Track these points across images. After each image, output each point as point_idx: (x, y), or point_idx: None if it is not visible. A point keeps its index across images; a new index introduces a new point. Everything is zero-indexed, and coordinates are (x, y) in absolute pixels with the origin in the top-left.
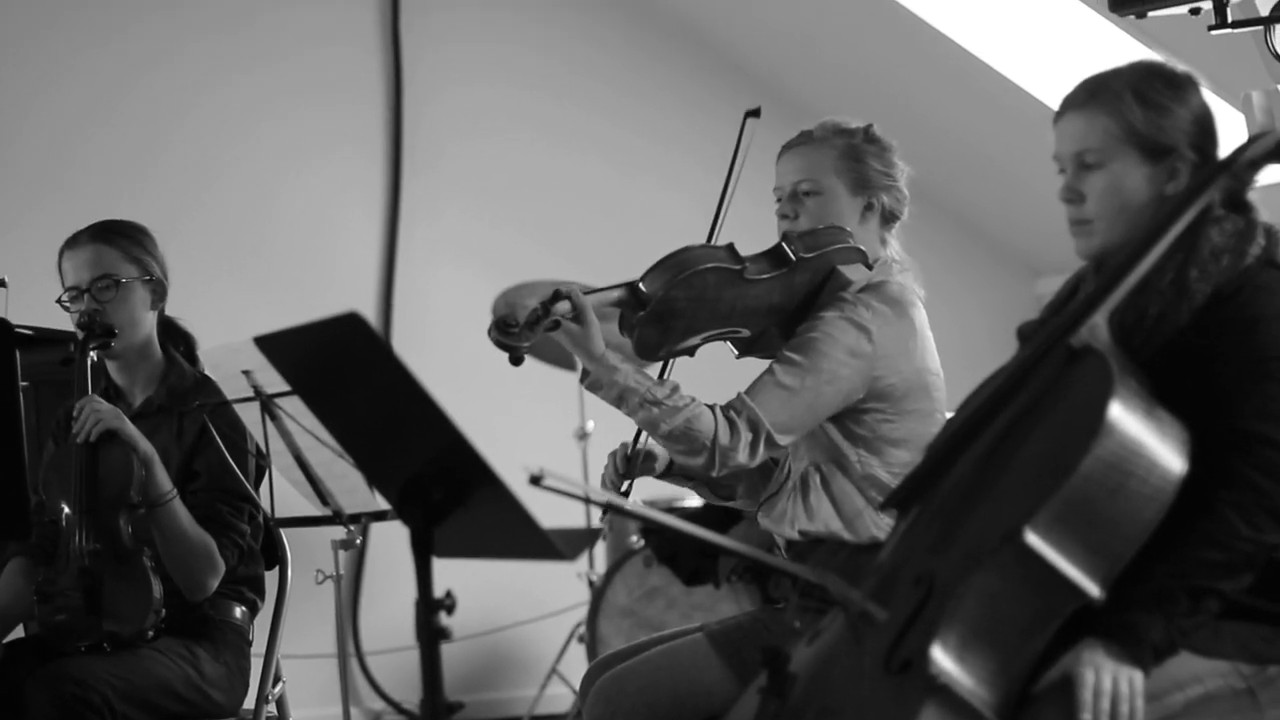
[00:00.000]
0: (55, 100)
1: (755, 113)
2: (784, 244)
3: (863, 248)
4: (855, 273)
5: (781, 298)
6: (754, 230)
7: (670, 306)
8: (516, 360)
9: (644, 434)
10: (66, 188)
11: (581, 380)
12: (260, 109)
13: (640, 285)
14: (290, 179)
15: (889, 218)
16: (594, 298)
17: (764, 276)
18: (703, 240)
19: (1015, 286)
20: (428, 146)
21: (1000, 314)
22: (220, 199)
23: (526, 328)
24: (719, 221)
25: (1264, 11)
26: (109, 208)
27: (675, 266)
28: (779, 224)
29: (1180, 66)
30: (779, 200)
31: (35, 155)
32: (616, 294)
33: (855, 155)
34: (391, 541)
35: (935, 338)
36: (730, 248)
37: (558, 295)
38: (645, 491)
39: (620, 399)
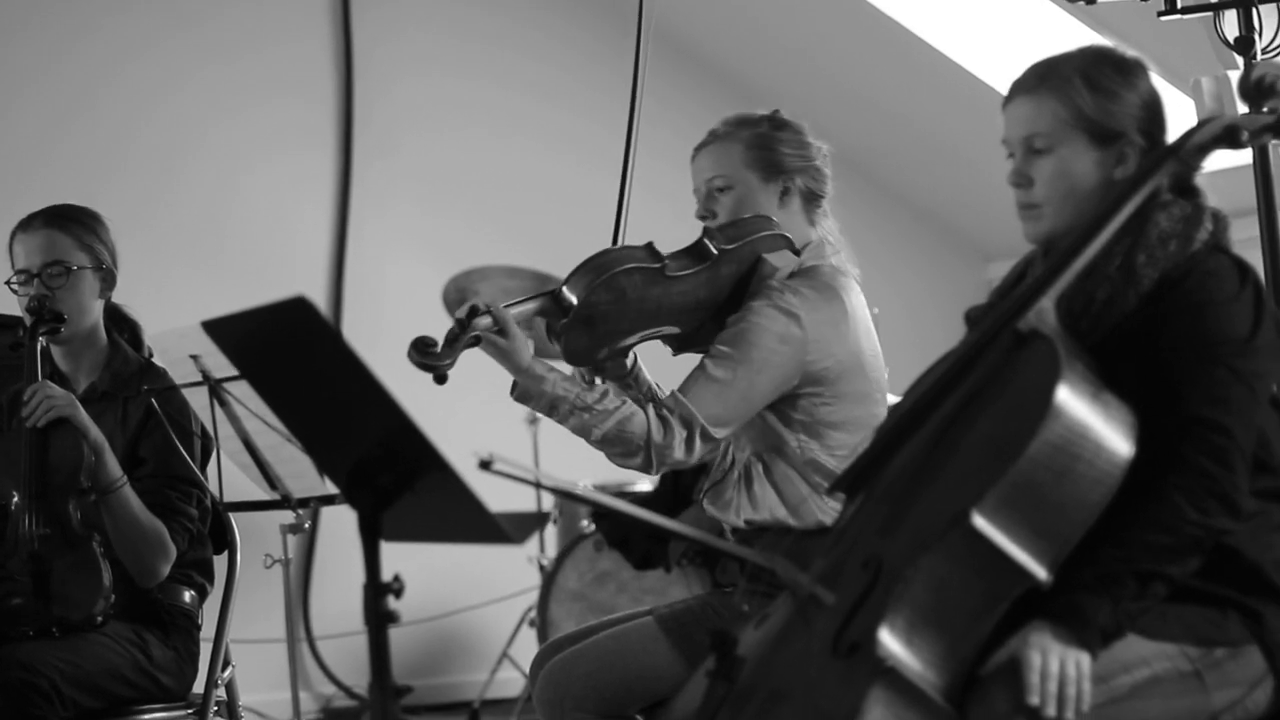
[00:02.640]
0: (17, 102)
1: None
2: (704, 238)
3: (788, 234)
4: (782, 259)
5: (708, 292)
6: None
7: (593, 311)
8: (440, 379)
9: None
10: (33, 186)
11: (511, 392)
12: (217, 105)
13: (561, 292)
14: (247, 173)
15: (811, 197)
16: (516, 309)
17: (686, 272)
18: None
19: (966, 271)
20: (379, 139)
21: (951, 299)
22: (180, 194)
23: (446, 346)
24: (623, 212)
25: None
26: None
27: (594, 270)
28: (702, 226)
29: (1130, 52)
30: (698, 201)
31: (3, 156)
32: (538, 303)
33: (763, 143)
34: (341, 525)
35: (885, 323)
36: (649, 246)
37: (475, 311)
38: (596, 475)
39: (551, 408)
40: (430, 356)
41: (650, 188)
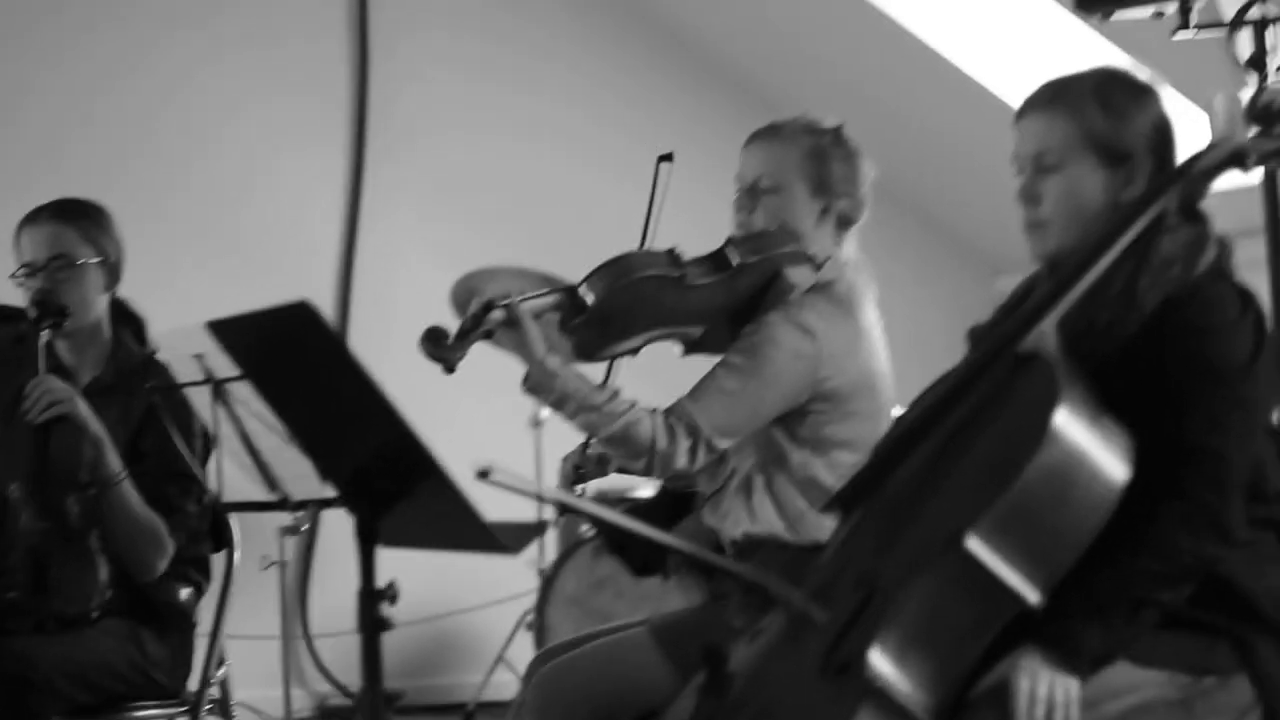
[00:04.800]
0: (29, 98)
1: (668, 157)
2: (727, 249)
3: (811, 252)
4: (801, 275)
5: (724, 301)
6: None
7: (610, 312)
8: (449, 370)
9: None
10: (44, 181)
11: (523, 384)
12: (231, 101)
13: (579, 290)
14: (259, 171)
15: (844, 222)
16: (531, 304)
17: (704, 281)
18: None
19: (974, 284)
20: (392, 138)
21: (959, 311)
22: (192, 190)
23: (458, 339)
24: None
25: (1228, 16)
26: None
27: (615, 273)
28: (735, 213)
29: (1143, 74)
30: (738, 190)
31: (15, 152)
32: (554, 299)
33: (820, 157)
34: (343, 525)
35: (892, 335)
36: (670, 253)
37: (490, 305)
38: (598, 481)
39: (560, 403)
40: (442, 348)
41: (672, 196)
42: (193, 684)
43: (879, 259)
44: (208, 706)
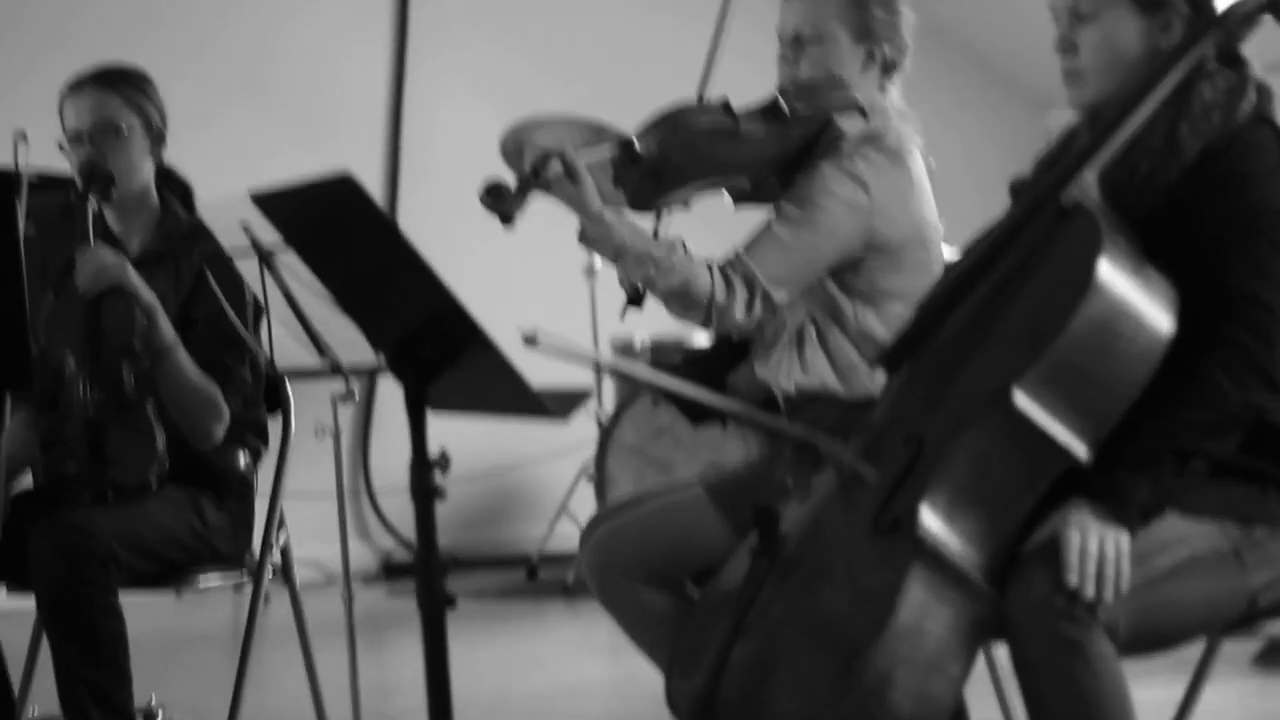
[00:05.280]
0: None
1: None
2: (779, 98)
3: (859, 98)
4: (851, 123)
5: (777, 150)
6: (752, 72)
7: (664, 164)
8: (507, 220)
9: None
10: (75, 36)
11: (579, 237)
12: None
13: (634, 143)
14: (297, 13)
15: (889, 67)
16: (586, 155)
17: (758, 132)
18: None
19: (1025, 119)
20: None
21: (1010, 147)
22: (229, 36)
23: (518, 192)
24: (709, 69)
25: None
26: (117, 54)
27: (669, 125)
28: (779, 67)
29: None
30: (780, 44)
31: (41, 5)
32: (609, 152)
33: (860, 3)
34: (400, 392)
35: (945, 173)
36: (725, 104)
37: (548, 156)
38: (654, 327)
39: (617, 256)
40: (502, 201)
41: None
42: (255, 549)
43: (929, 98)
44: (269, 572)
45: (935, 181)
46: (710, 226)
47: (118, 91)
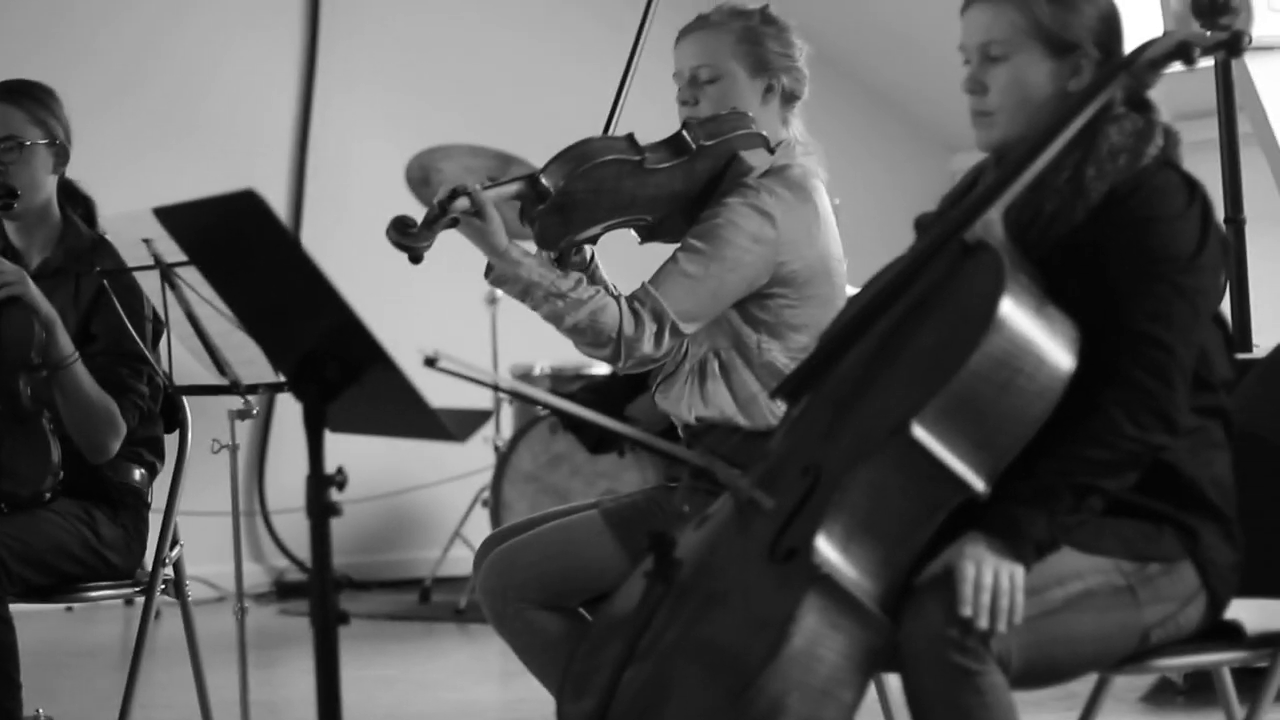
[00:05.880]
0: None
1: None
2: (684, 131)
3: (764, 132)
4: (757, 158)
5: (683, 185)
6: (655, 120)
7: (570, 199)
8: (416, 259)
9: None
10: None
11: (486, 275)
12: None
13: (540, 178)
14: (217, 54)
15: (789, 98)
16: (493, 192)
17: (664, 165)
18: (607, 118)
19: (930, 162)
20: (346, 15)
21: (915, 190)
22: (151, 77)
23: (425, 227)
24: (620, 102)
25: None
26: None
27: (575, 159)
28: (680, 110)
29: None
30: (679, 86)
31: None
32: (515, 187)
33: (753, 38)
34: (297, 410)
35: (849, 214)
36: (630, 138)
37: (455, 193)
38: (555, 357)
39: (525, 293)
40: (409, 237)
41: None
42: (147, 564)
43: (835, 137)
44: (161, 586)
45: (841, 221)
46: (620, 264)
47: (20, 106)
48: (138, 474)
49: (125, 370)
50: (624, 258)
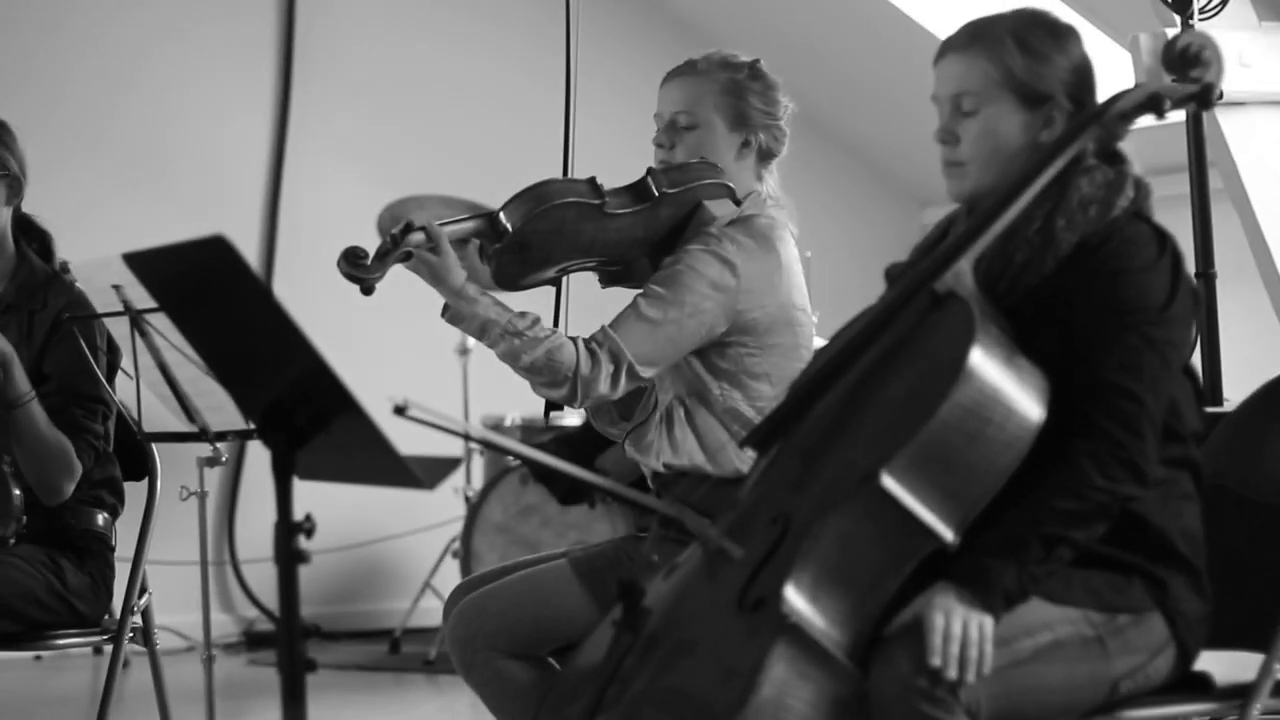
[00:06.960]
0: None
1: None
2: (648, 178)
3: (731, 184)
4: (721, 208)
5: (644, 232)
6: (628, 152)
7: (528, 239)
8: (367, 291)
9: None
10: None
11: (442, 314)
12: (159, 24)
13: (499, 216)
14: (188, 92)
15: (765, 155)
16: (451, 229)
17: (625, 211)
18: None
19: (901, 216)
20: (319, 52)
21: (886, 243)
22: (122, 116)
23: (377, 259)
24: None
25: None
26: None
27: (534, 199)
28: (655, 151)
29: (1063, 17)
30: (658, 127)
31: None
32: (474, 225)
33: (737, 92)
34: (267, 457)
35: (820, 266)
36: (592, 181)
37: (410, 227)
38: (525, 408)
39: (481, 331)
40: (360, 268)
41: (598, 116)
42: (116, 610)
43: (808, 192)
44: (130, 634)
45: (814, 274)
46: (587, 307)
47: None
48: (100, 519)
49: (80, 410)
50: (592, 301)
